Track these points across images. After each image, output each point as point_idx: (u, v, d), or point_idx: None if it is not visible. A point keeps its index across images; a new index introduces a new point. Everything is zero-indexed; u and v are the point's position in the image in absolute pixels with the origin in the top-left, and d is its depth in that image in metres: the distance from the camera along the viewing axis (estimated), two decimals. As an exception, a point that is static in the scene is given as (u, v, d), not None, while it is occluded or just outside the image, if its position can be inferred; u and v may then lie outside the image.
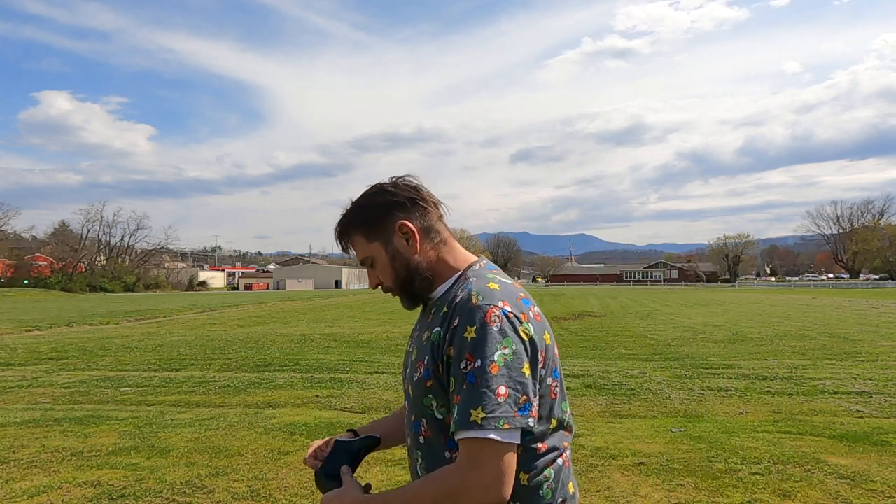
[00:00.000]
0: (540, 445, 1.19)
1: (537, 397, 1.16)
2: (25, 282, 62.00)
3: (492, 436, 1.07)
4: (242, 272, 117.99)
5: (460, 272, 1.30)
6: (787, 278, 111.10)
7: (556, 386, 1.23)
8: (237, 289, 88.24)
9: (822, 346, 11.70)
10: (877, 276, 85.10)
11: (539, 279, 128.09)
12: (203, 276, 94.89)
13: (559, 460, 1.23)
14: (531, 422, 1.12)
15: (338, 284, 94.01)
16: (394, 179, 1.33)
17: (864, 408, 6.38)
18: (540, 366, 1.17)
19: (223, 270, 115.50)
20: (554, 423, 1.22)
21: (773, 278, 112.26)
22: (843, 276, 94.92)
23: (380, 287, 1.32)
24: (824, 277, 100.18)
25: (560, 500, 1.23)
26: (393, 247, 1.29)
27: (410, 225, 1.29)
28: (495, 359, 1.10)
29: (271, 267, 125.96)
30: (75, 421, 6.21)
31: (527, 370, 1.13)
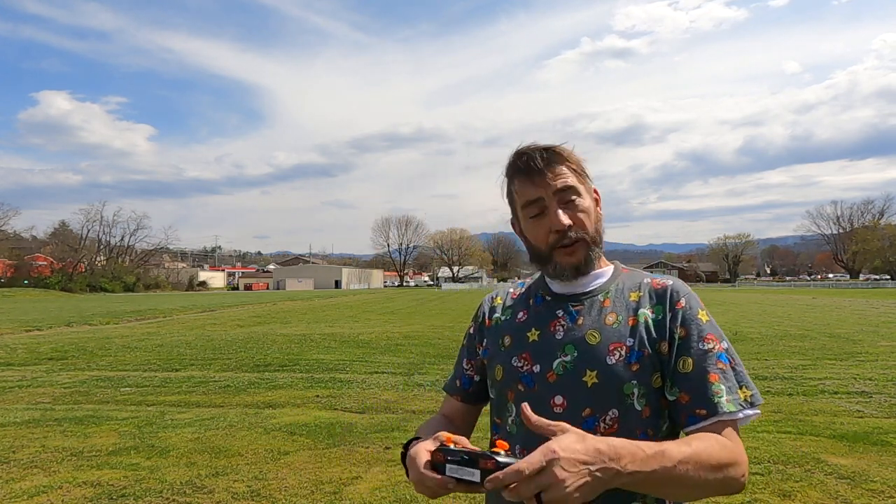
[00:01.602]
0: None
1: None
2: (25, 282, 62.04)
3: (756, 411, 1.10)
4: (242, 272, 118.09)
5: (610, 264, 1.29)
6: (787, 278, 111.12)
7: None
8: (237, 289, 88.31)
9: (822, 346, 11.70)
10: (876, 277, 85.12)
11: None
12: (203, 276, 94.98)
13: None
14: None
15: (338, 284, 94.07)
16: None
17: (864, 408, 6.38)
18: None
19: (223, 270, 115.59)
20: None
21: (772, 278, 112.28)
22: (830, 275, 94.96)
23: (564, 230, 1.17)
24: (819, 276, 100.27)
25: None
26: (593, 199, 1.26)
27: (598, 195, 1.28)
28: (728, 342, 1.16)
29: (271, 267, 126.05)
30: (75, 421, 6.21)
31: None
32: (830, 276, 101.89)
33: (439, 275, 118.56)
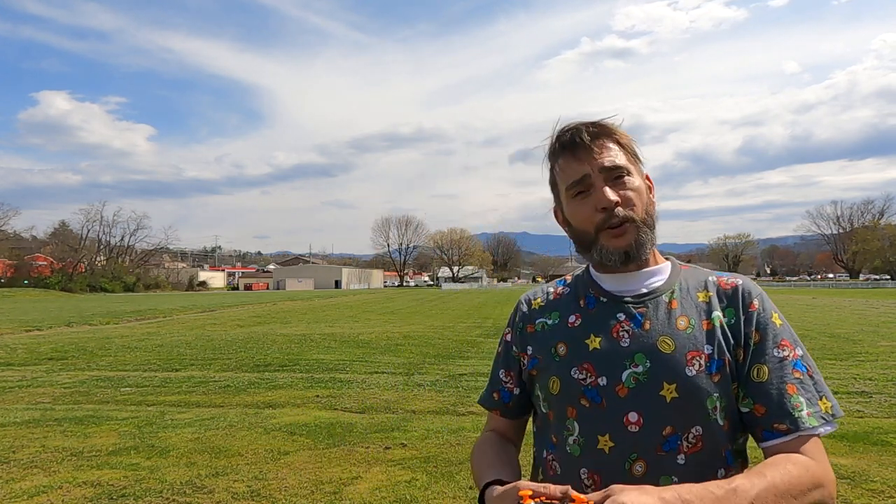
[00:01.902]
0: None
1: None
2: (25, 282, 62.03)
3: (835, 426, 1.02)
4: (242, 272, 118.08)
5: (666, 260, 1.17)
6: (787, 278, 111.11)
7: None
8: (237, 289, 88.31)
9: (822, 346, 11.69)
10: (876, 277, 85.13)
11: (539, 279, 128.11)
12: (203, 276, 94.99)
13: None
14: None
15: (338, 284, 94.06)
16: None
17: (864, 408, 6.38)
18: None
19: (223, 270, 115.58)
20: None
21: (773, 278, 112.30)
22: (830, 275, 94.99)
23: (611, 209, 1.06)
24: (819, 276, 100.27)
25: None
26: (645, 182, 1.13)
27: (651, 183, 1.17)
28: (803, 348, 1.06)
29: (271, 267, 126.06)
30: (75, 421, 6.21)
31: None
32: (830, 276, 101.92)
33: (439, 275, 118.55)
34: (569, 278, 1.24)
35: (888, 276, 79.40)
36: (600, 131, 1.10)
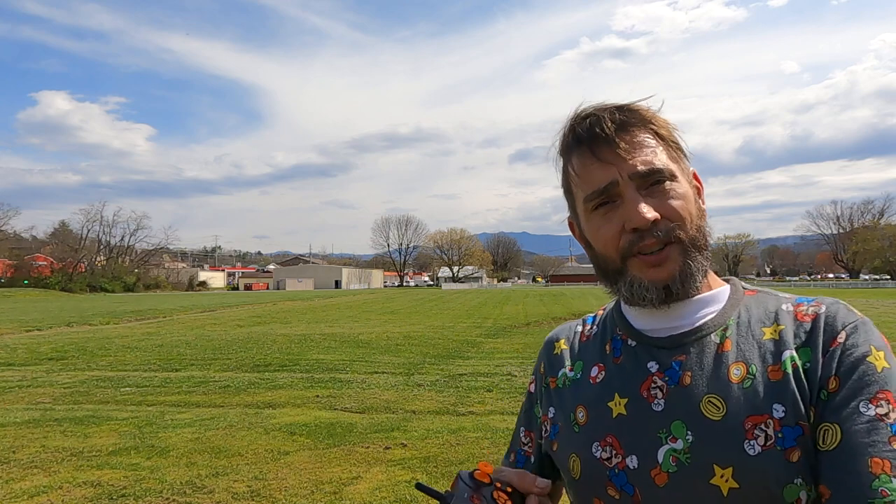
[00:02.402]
0: None
1: None
2: (25, 282, 62.04)
3: None
4: (242, 272, 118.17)
5: (724, 283, 0.84)
6: (787, 278, 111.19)
7: None
8: (237, 289, 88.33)
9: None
10: (876, 276, 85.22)
11: (539, 279, 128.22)
12: (203, 276, 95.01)
13: None
14: None
15: (338, 284, 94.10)
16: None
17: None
18: None
19: (223, 270, 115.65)
20: None
21: (773, 278, 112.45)
22: (830, 275, 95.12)
23: (647, 226, 0.74)
24: (819, 276, 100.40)
25: None
26: (693, 185, 0.82)
27: (700, 183, 0.85)
28: None
29: (271, 267, 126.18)
30: (75, 421, 6.21)
31: None
32: (830, 276, 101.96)
33: (439, 275, 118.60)
34: (600, 312, 0.93)
35: (888, 276, 79.45)
36: (631, 119, 0.78)
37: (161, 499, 4.02)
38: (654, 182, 0.76)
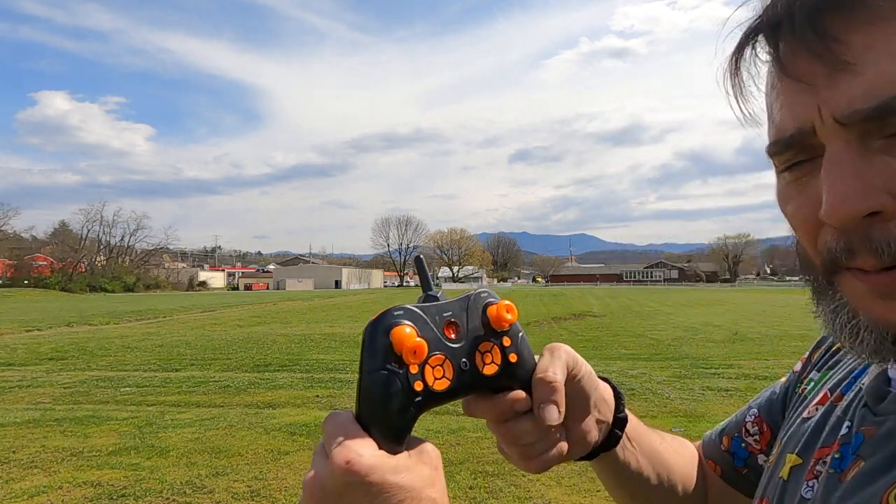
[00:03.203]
0: None
1: None
2: (25, 282, 62.07)
3: None
4: (242, 272, 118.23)
5: None
6: (788, 278, 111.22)
7: None
8: (237, 289, 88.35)
9: (822, 346, 11.70)
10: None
11: (539, 279, 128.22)
12: (203, 276, 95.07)
13: None
14: None
15: (338, 284, 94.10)
16: None
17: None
18: None
19: (223, 270, 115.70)
20: None
21: (774, 278, 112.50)
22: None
23: (861, 220, 0.37)
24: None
25: None
26: None
27: None
28: None
29: (271, 267, 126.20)
30: (75, 421, 6.21)
31: None
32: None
33: (439, 275, 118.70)
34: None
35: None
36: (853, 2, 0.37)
37: (161, 499, 4.02)
38: (889, 134, 0.37)
